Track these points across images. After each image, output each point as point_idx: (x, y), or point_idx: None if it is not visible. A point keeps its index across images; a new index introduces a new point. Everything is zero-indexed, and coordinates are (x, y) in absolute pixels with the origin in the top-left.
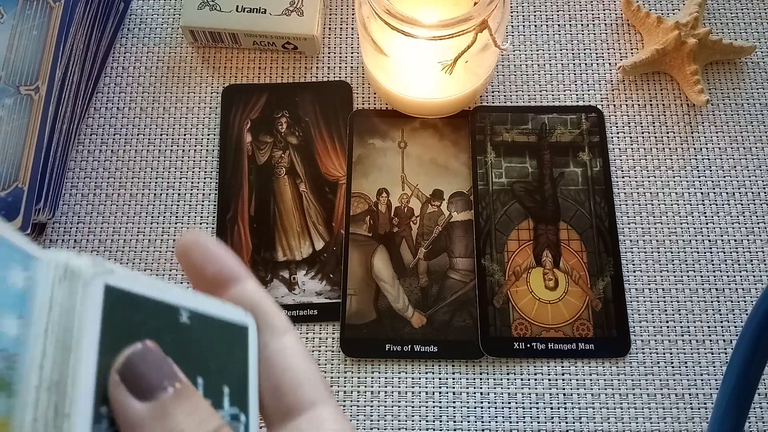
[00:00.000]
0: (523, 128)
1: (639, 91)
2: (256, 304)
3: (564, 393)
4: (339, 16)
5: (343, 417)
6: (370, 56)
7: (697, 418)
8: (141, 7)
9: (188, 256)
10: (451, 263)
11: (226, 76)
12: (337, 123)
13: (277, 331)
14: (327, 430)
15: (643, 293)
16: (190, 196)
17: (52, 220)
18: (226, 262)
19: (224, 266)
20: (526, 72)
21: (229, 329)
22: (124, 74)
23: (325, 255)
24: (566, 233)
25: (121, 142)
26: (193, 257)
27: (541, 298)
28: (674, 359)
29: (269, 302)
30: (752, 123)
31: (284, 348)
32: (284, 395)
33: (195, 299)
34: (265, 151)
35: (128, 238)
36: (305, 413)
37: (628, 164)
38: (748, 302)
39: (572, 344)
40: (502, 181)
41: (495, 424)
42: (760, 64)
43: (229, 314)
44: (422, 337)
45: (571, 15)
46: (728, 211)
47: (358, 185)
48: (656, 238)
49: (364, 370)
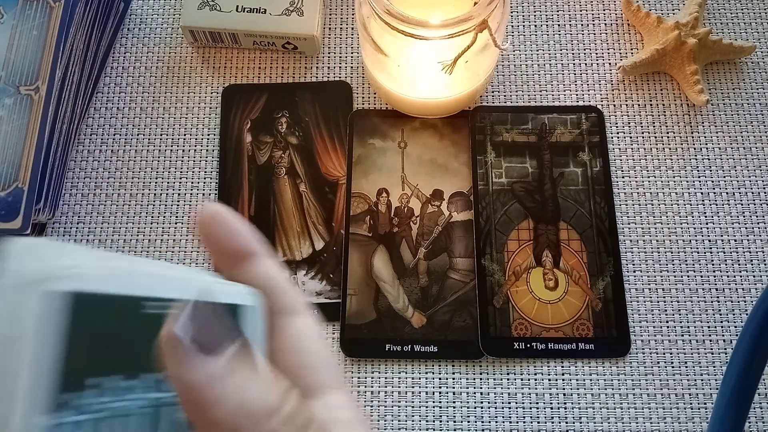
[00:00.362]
0: (523, 128)
1: (639, 91)
2: (275, 283)
3: (564, 393)
4: (339, 16)
5: (355, 405)
6: (370, 56)
7: (697, 418)
8: (141, 7)
9: (208, 228)
10: (451, 263)
11: (226, 76)
12: (337, 123)
13: (295, 312)
14: (341, 416)
15: (643, 293)
16: (190, 196)
17: (52, 220)
18: (246, 237)
19: (243, 241)
20: (526, 72)
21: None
22: (124, 74)
23: (325, 255)
24: (566, 233)
25: (121, 142)
26: (213, 230)
27: (541, 298)
28: (674, 359)
29: (288, 282)
30: (752, 123)
31: (302, 330)
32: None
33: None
34: (265, 151)
35: (128, 238)
36: (321, 397)
37: (628, 164)
38: (748, 302)
39: (572, 344)
40: (502, 181)
41: (495, 424)
42: (760, 64)
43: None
44: (422, 337)
45: (571, 15)
46: (728, 211)
47: (358, 185)
48: (656, 238)
49: (364, 370)
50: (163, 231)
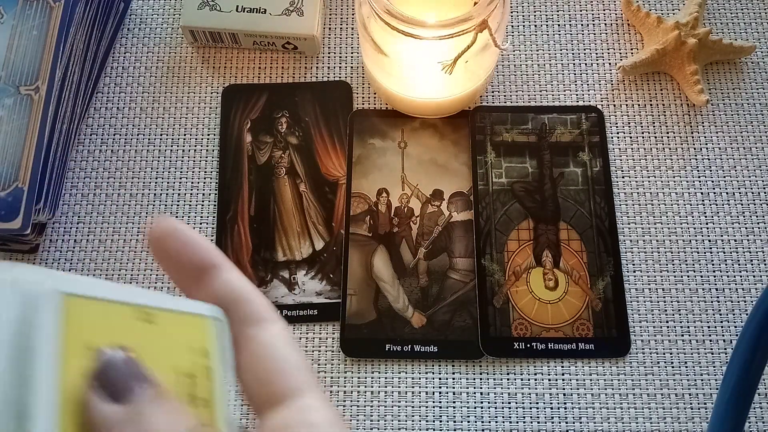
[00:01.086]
0: (523, 128)
1: (639, 91)
2: (239, 294)
3: (564, 393)
4: (339, 16)
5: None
6: (370, 56)
7: (697, 418)
8: (141, 7)
9: (163, 244)
10: (451, 263)
11: (226, 76)
12: (337, 123)
13: (262, 321)
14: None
15: (643, 293)
16: (190, 196)
17: (52, 220)
18: (204, 249)
19: (202, 254)
20: (526, 72)
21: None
22: (124, 74)
23: (325, 255)
24: (566, 233)
25: (121, 142)
26: (169, 245)
27: (541, 298)
28: (674, 359)
29: (253, 291)
30: (752, 123)
31: (271, 337)
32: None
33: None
34: (265, 151)
35: (128, 238)
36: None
37: (628, 164)
38: (748, 302)
39: (572, 344)
40: (502, 181)
41: (495, 424)
42: (760, 64)
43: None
44: (422, 337)
45: (571, 15)
46: (728, 211)
47: (358, 185)
48: (656, 238)
49: (364, 370)
50: None
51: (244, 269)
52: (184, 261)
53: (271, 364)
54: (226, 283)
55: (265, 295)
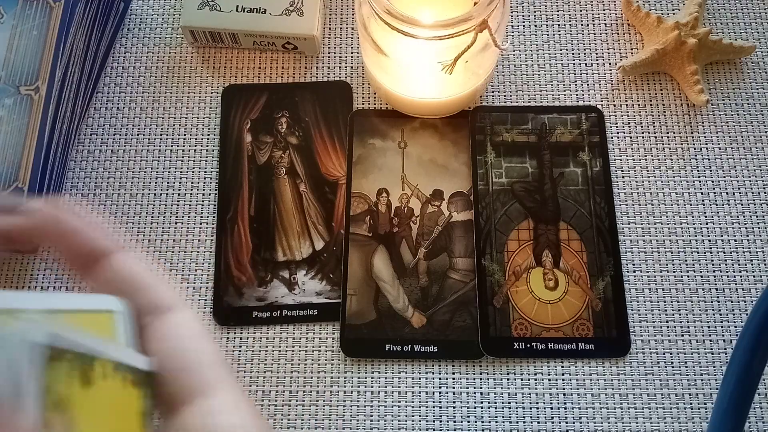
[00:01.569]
0: (523, 128)
1: (639, 91)
2: (137, 280)
3: (564, 393)
4: (339, 16)
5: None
6: (370, 56)
7: (697, 418)
8: (141, 7)
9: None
10: (451, 263)
11: (226, 76)
12: (337, 123)
13: (166, 309)
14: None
15: (643, 293)
16: (190, 196)
17: None
18: (90, 235)
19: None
20: (526, 72)
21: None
22: (124, 74)
23: (325, 255)
24: (566, 233)
25: (121, 142)
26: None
27: (541, 298)
28: (674, 359)
29: (154, 277)
30: (752, 123)
31: (176, 327)
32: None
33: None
34: (265, 151)
35: (128, 238)
36: (201, 401)
37: (628, 164)
38: (748, 302)
39: (572, 344)
40: (502, 181)
41: (495, 424)
42: (760, 64)
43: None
44: (422, 337)
45: (571, 15)
46: (728, 211)
47: (358, 185)
48: (656, 238)
49: (364, 370)
50: (163, 231)
51: (244, 269)
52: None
53: (178, 359)
54: (121, 269)
55: (265, 295)
